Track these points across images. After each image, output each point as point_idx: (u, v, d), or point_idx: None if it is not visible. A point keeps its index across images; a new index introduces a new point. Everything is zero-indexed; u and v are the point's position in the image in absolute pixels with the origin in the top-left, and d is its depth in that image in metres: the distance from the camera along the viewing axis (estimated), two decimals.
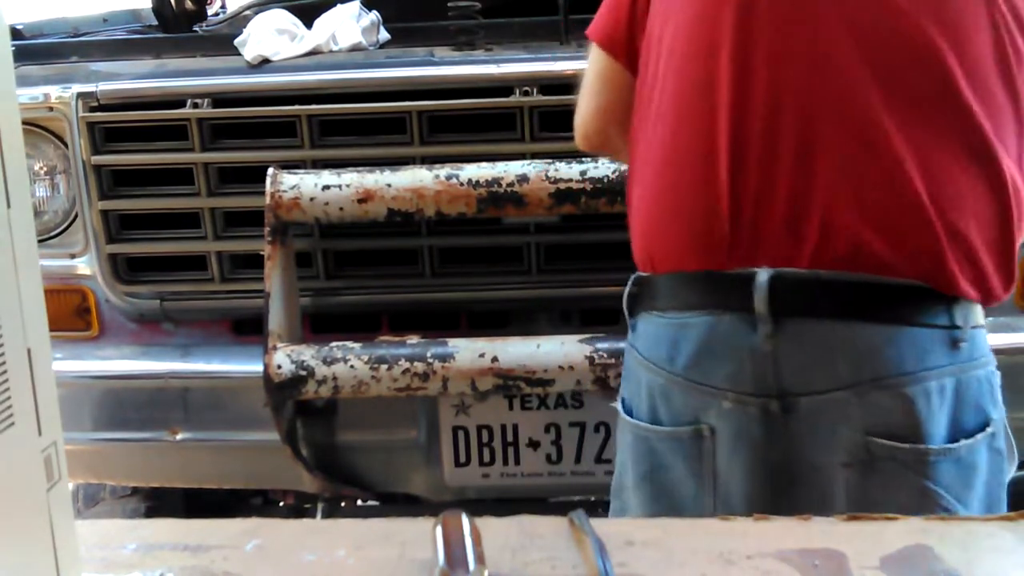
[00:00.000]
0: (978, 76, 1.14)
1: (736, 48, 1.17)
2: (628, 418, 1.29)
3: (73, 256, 1.99)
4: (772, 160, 1.16)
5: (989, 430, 1.16)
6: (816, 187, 1.14)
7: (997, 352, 1.20)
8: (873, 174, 1.13)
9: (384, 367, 1.74)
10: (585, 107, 1.40)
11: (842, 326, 1.15)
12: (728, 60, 1.17)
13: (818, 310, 1.15)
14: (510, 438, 1.92)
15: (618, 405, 1.33)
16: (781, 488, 1.18)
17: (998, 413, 1.18)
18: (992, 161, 1.14)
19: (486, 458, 1.93)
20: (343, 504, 2.28)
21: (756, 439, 1.18)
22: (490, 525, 0.80)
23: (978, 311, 1.17)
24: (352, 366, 1.75)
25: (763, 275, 1.15)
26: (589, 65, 1.39)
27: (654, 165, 1.24)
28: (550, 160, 1.78)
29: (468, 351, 1.74)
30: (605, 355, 1.72)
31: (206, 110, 1.90)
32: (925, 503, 1.13)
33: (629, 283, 1.30)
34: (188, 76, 1.96)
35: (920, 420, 1.13)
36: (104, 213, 1.95)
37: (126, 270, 1.99)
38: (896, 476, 1.14)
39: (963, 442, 1.14)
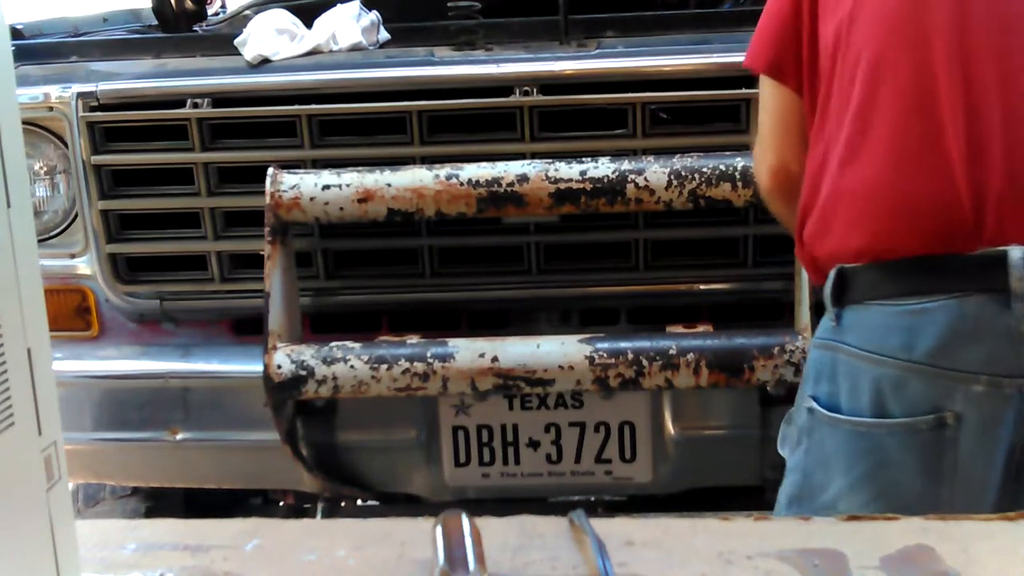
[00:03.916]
0: None
1: (951, 36, 1.17)
2: (840, 416, 1.24)
3: (73, 256, 1.99)
4: (1014, 137, 1.15)
5: None
6: None
7: None
8: None
9: (384, 367, 1.74)
10: (768, 138, 1.38)
11: None
12: (944, 52, 1.17)
13: None
14: (510, 438, 1.92)
15: (812, 405, 1.28)
16: (1021, 474, 1.17)
17: None
18: None
19: (486, 458, 1.93)
20: (343, 504, 2.28)
21: (1009, 423, 1.15)
22: (490, 525, 0.80)
23: None
24: (352, 366, 1.75)
25: (1019, 252, 1.13)
26: (763, 99, 1.38)
27: (867, 161, 1.22)
28: (550, 160, 1.78)
29: (468, 351, 1.74)
30: (605, 355, 1.72)
31: (206, 110, 1.89)
32: None
33: (831, 277, 1.26)
34: (188, 76, 1.96)
35: None
36: (104, 213, 1.95)
37: (126, 270, 1.99)
38: None
39: None
